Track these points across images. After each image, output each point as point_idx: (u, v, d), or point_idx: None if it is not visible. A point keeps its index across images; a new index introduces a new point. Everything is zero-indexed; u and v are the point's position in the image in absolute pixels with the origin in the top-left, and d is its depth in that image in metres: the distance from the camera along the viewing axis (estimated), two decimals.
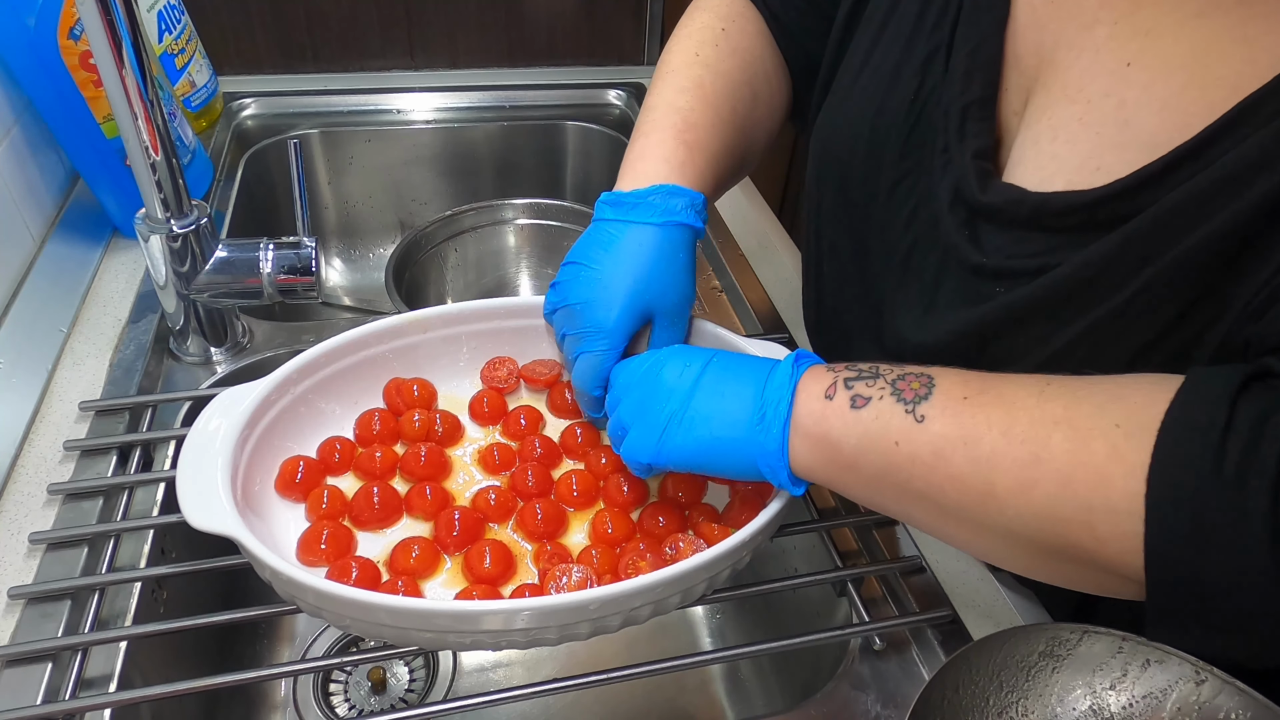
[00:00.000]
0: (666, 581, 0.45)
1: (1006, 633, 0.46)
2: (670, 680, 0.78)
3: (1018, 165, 0.50)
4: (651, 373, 0.50)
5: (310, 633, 0.79)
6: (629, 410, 0.50)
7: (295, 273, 0.71)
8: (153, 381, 0.73)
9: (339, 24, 1.19)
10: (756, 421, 0.46)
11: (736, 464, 0.47)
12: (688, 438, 0.47)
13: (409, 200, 1.22)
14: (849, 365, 0.47)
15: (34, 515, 0.60)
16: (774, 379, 0.47)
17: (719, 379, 0.48)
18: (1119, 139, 0.45)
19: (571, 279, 0.56)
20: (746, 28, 0.66)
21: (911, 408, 0.43)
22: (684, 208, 0.56)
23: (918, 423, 0.42)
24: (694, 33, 0.66)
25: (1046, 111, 0.49)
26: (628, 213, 0.56)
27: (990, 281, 0.50)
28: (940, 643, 0.56)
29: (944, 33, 0.54)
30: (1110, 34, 0.46)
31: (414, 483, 0.57)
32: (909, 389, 0.43)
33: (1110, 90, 0.46)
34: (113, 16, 0.57)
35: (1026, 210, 0.47)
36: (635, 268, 0.55)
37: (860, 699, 0.54)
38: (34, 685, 0.50)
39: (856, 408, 0.44)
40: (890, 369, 0.45)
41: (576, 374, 0.57)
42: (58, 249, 0.80)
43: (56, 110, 0.79)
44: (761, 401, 0.46)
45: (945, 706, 0.44)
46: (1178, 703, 0.43)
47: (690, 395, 0.48)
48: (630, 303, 0.54)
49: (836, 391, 0.45)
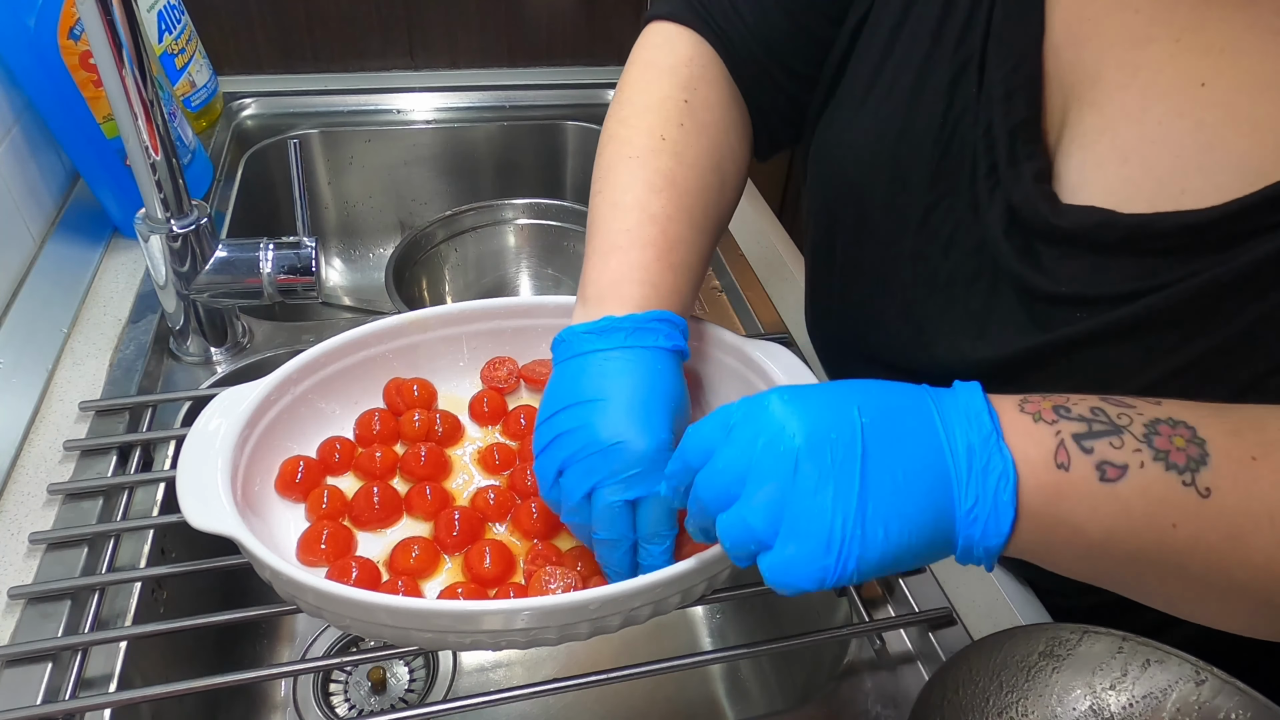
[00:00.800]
0: (666, 581, 0.45)
1: (1006, 633, 0.46)
2: (670, 680, 0.78)
3: (1080, 187, 0.47)
4: (782, 458, 0.36)
5: (310, 633, 0.79)
6: (762, 513, 0.36)
7: (295, 273, 0.71)
8: (153, 381, 0.73)
9: (339, 24, 1.19)
10: (966, 512, 0.35)
11: (926, 559, 0.37)
12: (874, 554, 0.35)
13: (409, 200, 1.22)
14: (1055, 407, 0.37)
15: (34, 515, 0.60)
16: (966, 440, 0.36)
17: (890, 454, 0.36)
18: (1203, 161, 0.42)
19: (584, 421, 0.47)
20: (710, 95, 0.59)
21: (1190, 478, 0.34)
22: (679, 334, 0.51)
23: (1202, 498, 0.34)
24: (655, 106, 0.58)
25: (1105, 132, 0.46)
26: (634, 339, 0.49)
27: (1069, 308, 0.46)
28: (940, 643, 0.56)
29: (972, 48, 0.50)
30: (1171, 52, 0.44)
31: (414, 483, 0.57)
32: (1175, 449, 0.35)
33: (1184, 111, 0.43)
34: (113, 16, 0.57)
35: (1118, 233, 0.44)
36: (664, 387, 0.48)
37: (860, 699, 0.54)
38: (34, 685, 0.50)
39: (1109, 480, 0.35)
40: (1121, 411, 0.36)
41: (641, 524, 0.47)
42: (58, 249, 0.80)
43: (56, 110, 0.79)
44: (968, 481, 0.35)
45: (945, 706, 0.44)
46: (1178, 703, 0.43)
47: (862, 494, 0.35)
48: (671, 425, 0.47)
49: (1072, 458, 0.35)
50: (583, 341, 0.49)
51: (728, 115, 0.60)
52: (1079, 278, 0.46)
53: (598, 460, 0.46)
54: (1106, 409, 0.36)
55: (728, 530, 0.38)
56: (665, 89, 0.58)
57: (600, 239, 0.54)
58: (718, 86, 0.60)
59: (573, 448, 0.47)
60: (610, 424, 0.46)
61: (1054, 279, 0.47)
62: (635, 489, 0.46)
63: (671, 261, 0.53)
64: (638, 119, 0.58)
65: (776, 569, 0.36)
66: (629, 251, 0.52)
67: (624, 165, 0.56)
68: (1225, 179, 0.41)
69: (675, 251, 0.53)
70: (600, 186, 0.56)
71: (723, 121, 0.60)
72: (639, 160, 0.55)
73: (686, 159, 0.56)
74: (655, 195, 0.54)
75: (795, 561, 0.36)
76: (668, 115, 0.57)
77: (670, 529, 0.47)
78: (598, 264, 0.53)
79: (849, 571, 0.35)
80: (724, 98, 0.60)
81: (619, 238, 0.53)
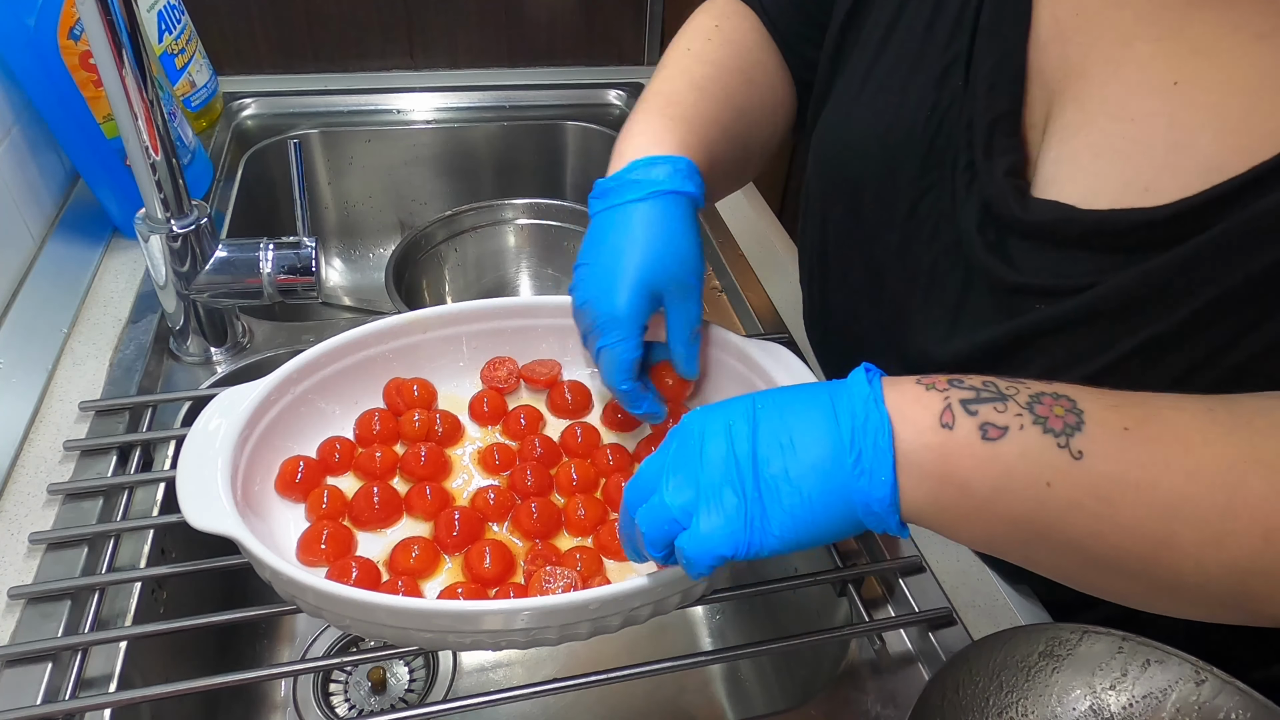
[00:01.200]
0: (666, 582, 0.45)
1: (1006, 633, 0.46)
2: (670, 680, 0.78)
3: (1052, 182, 0.48)
4: (689, 448, 0.41)
5: (310, 633, 0.79)
6: (675, 494, 0.40)
7: (295, 273, 0.71)
8: (153, 381, 0.73)
9: (339, 24, 1.19)
10: (851, 465, 0.38)
11: (836, 524, 0.39)
12: (778, 511, 0.38)
13: (409, 200, 1.22)
14: (950, 379, 0.39)
15: (34, 515, 0.60)
16: (849, 405, 0.39)
17: (778, 423, 0.40)
18: (1171, 160, 0.43)
19: (578, 281, 0.55)
20: (741, 24, 0.66)
21: (1064, 440, 0.36)
22: (667, 175, 0.54)
23: (1075, 460, 0.36)
24: (686, 33, 0.66)
25: (1083, 128, 0.47)
26: (612, 197, 0.55)
27: (1030, 299, 0.48)
28: (940, 643, 0.56)
29: (960, 45, 0.52)
30: (1153, 51, 0.45)
31: (414, 483, 0.57)
32: (1053, 416, 0.37)
33: (1157, 109, 0.44)
34: (113, 16, 0.57)
35: (1078, 229, 0.46)
36: (630, 249, 0.53)
37: (860, 699, 0.54)
38: (34, 685, 0.50)
39: (991, 439, 0.37)
40: (1010, 385, 0.39)
41: (603, 373, 0.55)
42: (58, 249, 0.80)
43: (56, 110, 0.79)
44: (850, 437, 0.38)
45: (945, 706, 0.44)
46: (1178, 703, 0.43)
47: (755, 457, 0.39)
48: (634, 287, 0.52)
49: (956, 418, 0.37)
50: (591, 204, 0.56)
51: (757, 42, 0.66)
52: (1043, 270, 0.47)
53: (579, 318, 0.55)
54: (997, 382, 0.39)
55: (646, 518, 0.41)
56: (699, 22, 0.67)
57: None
58: (749, 18, 0.67)
59: (574, 305, 0.56)
60: (585, 287, 0.54)
61: (1020, 271, 0.48)
62: (597, 340, 0.54)
63: (666, 113, 0.58)
64: (670, 49, 0.66)
65: (695, 541, 0.39)
66: (633, 122, 0.59)
67: (652, 85, 0.63)
68: (1190, 177, 0.42)
69: (672, 106, 0.59)
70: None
71: (750, 42, 0.66)
72: (663, 68, 0.63)
73: (705, 57, 0.63)
74: (667, 82, 0.61)
75: (711, 532, 0.39)
76: (696, 34, 0.65)
77: (622, 383, 0.54)
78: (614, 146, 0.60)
79: (756, 534, 0.39)
80: (754, 27, 0.67)
81: (631, 120, 0.60)
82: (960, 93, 0.52)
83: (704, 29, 0.66)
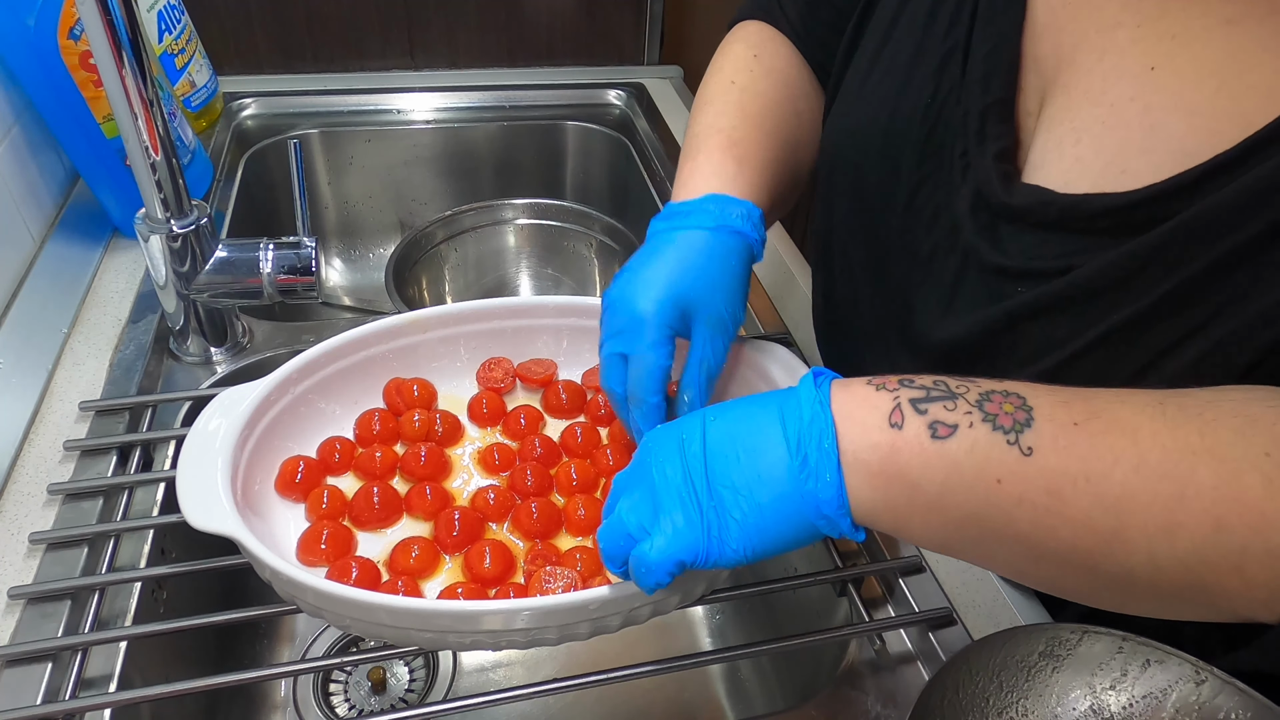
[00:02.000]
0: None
1: (1006, 633, 0.46)
2: (670, 680, 0.78)
3: (1039, 167, 0.49)
4: (643, 465, 0.42)
5: (310, 633, 0.79)
6: (634, 514, 0.41)
7: (295, 273, 0.71)
8: (153, 381, 0.73)
9: (339, 24, 1.19)
10: (798, 469, 0.38)
11: (791, 530, 0.39)
12: (729, 521, 0.39)
13: (409, 200, 1.22)
14: (900, 380, 0.40)
15: (34, 515, 0.60)
16: (796, 410, 0.40)
17: (727, 434, 0.40)
18: (1145, 143, 0.44)
19: (617, 281, 0.54)
20: (779, 50, 0.67)
21: (1014, 437, 0.36)
22: (738, 215, 0.54)
23: (1025, 456, 0.36)
24: (726, 63, 0.66)
25: (1068, 114, 0.48)
26: (681, 220, 0.54)
27: (1013, 282, 0.49)
28: (940, 643, 0.56)
29: (959, 34, 0.53)
30: (1133, 37, 0.46)
31: (414, 483, 0.57)
32: (1003, 413, 0.37)
33: (1135, 94, 0.45)
34: (113, 16, 0.57)
35: (1055, 212, 0.46)
36: (680, 261, 0.52)
37: (860, 699, 0.54)
38: (34, 685, 0.50)
39: (940, 437, 0.37)
40: (961, 384, 0.39)
41: (631, 382, 0.51)
42: (58, 249, 0.80)
43: (56, 110, 0.79)
44: (797, 442, 0.39)
45: (945, 706, 0.44)
46: (1178, 703, 0.43)
47: (707, 469, 0.40)
48: (668, 292, 0.51)
49: (905, 418, 0.38)
50: (651, 227, 0.56)
51: (798, 67, 0.67)
52: (1023, 253, 0.48)
53: (609, 317, 0.53)
54: (948, 381, 0.39)
55: (605, 535, 0.42)
56: (738, 50, 0.67)
57: (679, 160, 0.61)
58: (786, 45, 0.68)
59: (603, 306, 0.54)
60: (622, 287, 0.53)
61: (1005, 254, 0.49)
62: (621, 344, 0.52)
63: (735, 154, 0.58)
64: (712, 79, 0.66)
65: (655, 550, 0.39)
66: (695, 159, 0.59)
67: (699, 111, 0.63)
68: (1163, 160, 0.43)
69: (738, 146, 0.59)
70: (684, 143, 0.63)
71: (791, 70, 0.67)
72: (711, 104, 0.63)
73: (755, 90, 0.63)
74: (721, 118, 0.61)
75: (669, 542, 0.39)
76: (739, 66, 0.65)
77: (651, 394, 0.51)
78: (676, 175, 0.60)
79: (714, 542, 0.39)
80: (792, 54, 0.68)
81: (689, 150, 0.60)
82: (958, 81, 0.53)
83: (743, 60, 0.65)
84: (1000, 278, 0.49)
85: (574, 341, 0.66)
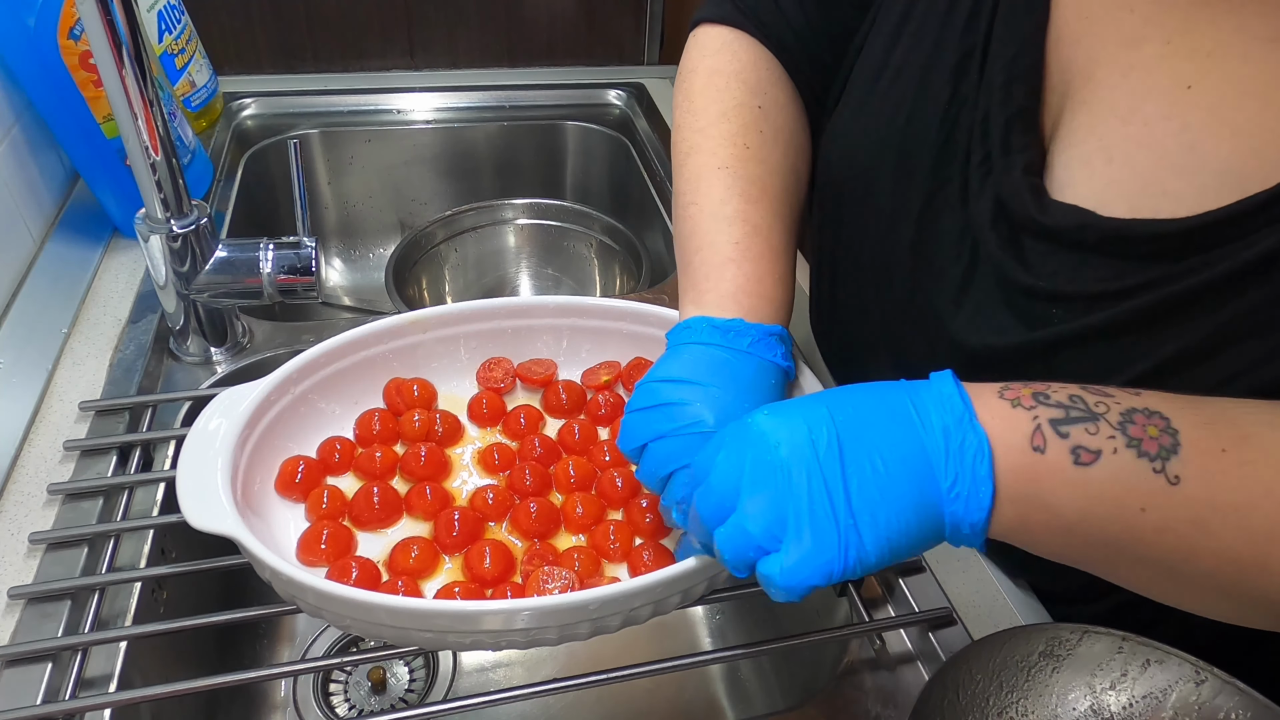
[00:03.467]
0: (666, 581, 0.45)
1: (1006, 633, 0.46)
2: (670, 680, 0.78)
3: (1066, 185, 0.47)
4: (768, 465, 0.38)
5: (310, 633, 0.79)
6: (761, 521, 0.38)
7: (295, 273, 0.71)
8: (153, 381, 0.73)
9: (339, 24, 1.19)
10: (947, 489, 0.37)
11: (924, 542, 0.38)
12: (867, 539, 0.37)
13: (409, 200, 1.22)
14: (1034, 392, 0.38)
15: (34, 515, 0.60)
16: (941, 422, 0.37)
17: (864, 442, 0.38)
18: (1185, 164, 0.43)
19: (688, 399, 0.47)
20: (779, 97, 0.61)
21: (1159, 465, 0.35)
22: (786, 355, 0.51)
23: (1171, 485, 0.35)
24: (732, 114, 0.58)
25: (1094, 130, 0.47)
26: (752, 346, 0.49)
27: (1045, 303, 0.47)
28: (940, 643, 0.56)
29: (978, 35, 0.51)
30: (1162, 54, 0.44)
31: (414, 483, 0.57)
32: (1148, 438, 0.36)
33: (1170, 113, 0.44)
34: (113, 16, 0.57)
35: (1098, 235, 0.45)
36: (767, 396, 0.49)
37: (860, 699, 0.54)
38: (34, 685, 0.50)
39: (1083, 464, 0.36)
40: (1098, 398, 0.37)
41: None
42: (58, 249, 0.80)
43: (56, 110, 0.79)
44: (945, 460, 0.37)
45: (945, 706, 0.44)
46: (1178, 703, 0.43)
47: (845, 481, 0.37)
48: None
49: (1047, 441, 0.36)
50: (707, 334, 0.50)
51: (796, 115, 0.62)
52: (1058, 274, 0.47)
53: (695, 441, 0.46)
54: (1085, 396, 0.38)
55: (727, 541, 0.38)
56: (738, 95, 0.59)
57: (709, 251, 0.54)
58: (784, 87, 0.61)
59: (674, 422, 0.47)
60: (711, 409, 0.46)
61: (1034, 273, 0.48)
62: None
63: (779, 274, 0.54)
64: (715, 128, 0.58)
65: (785, 572, 0.37)
66: (743, 264, 0.53)
67: (714, 176, 0.56)
68: (1205, 182, 0.42)
69: (781, 262, 0.54)
70: (694, 197, 0.56)
71: (794, 122, 0.61)
72: (729, 170, 0.56)
73: (771, 164, 0.57)
74: (753, 206, 0.55)
75: (801, 562, 0.37)
76: (746, 123, 0.58)
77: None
78: (713, 275, 0.53)
79: (851, 562, 0.37)
80: (790, 97, 0.62)
81: (729, 249, 0.53)
82: (976, 85, 0.51)
83: (750, 114, 0.58)
84: (1029, 297, 0.48)
85: (574, 341, 0.66)
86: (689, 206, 0.56)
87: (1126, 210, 0.45)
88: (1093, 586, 0.42)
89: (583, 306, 0.65)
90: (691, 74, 0.62)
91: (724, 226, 0.54)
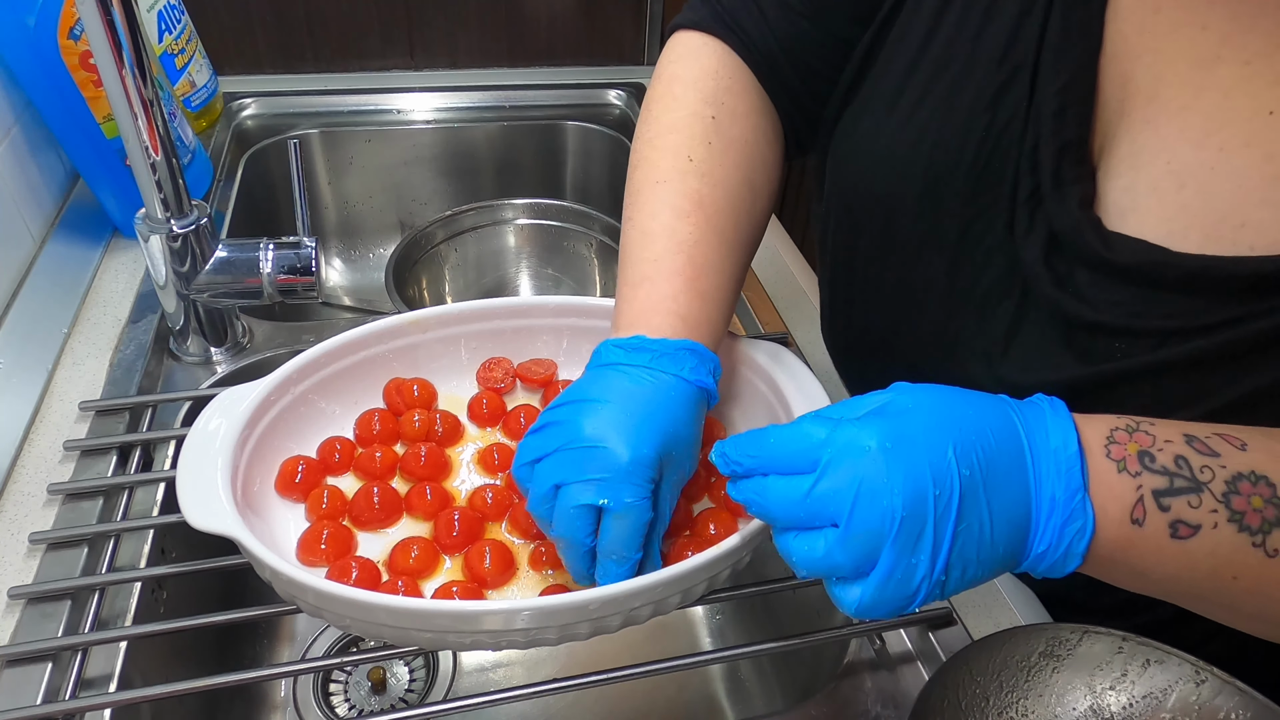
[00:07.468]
0: (666, 581, 0.45)
1: (1006, 633, 0.46)
2: (670, 680, 0.78)
3: (1129, 211, 0.45)
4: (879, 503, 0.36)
5: (310, 633, 0.79)
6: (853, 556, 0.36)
7: (295, 273, 0.71)
8: (153, 381, 0.73)
9: (339, 24, 1.19)
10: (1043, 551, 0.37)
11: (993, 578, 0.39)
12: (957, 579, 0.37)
13: (409, 200, 1.22)
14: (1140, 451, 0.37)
15: (34, 515, 0.60)
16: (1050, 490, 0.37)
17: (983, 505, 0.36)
18: (1268, 195, 0.41)
19: (572, 417, 0.46)
20: (737, 107, 0.57)
21: (1260, 539, 0.35)
22: (708, 372, 0.49)
23: (1269, 558, 0.35)
24: (681, 124, 0.56)
25: (1161, 154, 0.44)
26: (653, 360, 0.48)
27: (1108, 338, 0.45)
28: (940, 643, 0.56)
29: (1021, 60, 0.48)
30: (1241, 75, 0.42)
31: (414, 483, 0.57)
32: (1251, 510, 0.35)
33: (1251, 140, 0.41)
34: (113, 16, 0.57)
35: (1177, 273, 0.43)
36: (666, 411, 0.46)
37: (860, 699, 0.54)
38: (34, 685, 0.50)
39: (1180, 538, 0.36)
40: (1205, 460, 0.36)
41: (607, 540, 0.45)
42: (58, 249, 0.80)
43: (56, 110, 0.79)
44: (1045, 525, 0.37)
45: (945, 706, 0.44)
46: (1178, 703, 0.43)
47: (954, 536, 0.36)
48: (659, 443, 0.45)
49: (1147, 514, 0.36)
50: (610, 354, 0.49)
51: (757, 126, 0.59)
52: (1122, 307, 0.45)
53: (574, 456, 0.45)
54: (1190, 460, 0.37)
55: (807, 555, 0.38)
56: (691, 105, 0.57)
57: (630, 269, 0.53)
58: (745, 97, 0.58)
59: (557, 441, 0.46)
60: (596, 425, 0.45)
61: (1094, 307, 0.46)
62: (599, 494, 0.44)
63: (700, 289, 0.52)
64: (663, 139, 0.56)
65: (860, 604, 0.37)
66: (656, 282, 0.52)
67: (651, 190, 0.55)
68: None
69: (704, 278, 0.52)
70: (630, 213, 0.55)
71: (752, 134, 0.58)
72: (666, 184, 0.54)
73: (715, 177, 0.55)
74: (683, 220, 0.53)
75: (879, 600, 0.37)
76: (694, 134, 0.56)
77: (635, 551, 0.45)
78: (628, 295, 0.52)
79: (923, 601, 0.37)
80: (752, 107, 0.59)
81: (647, 267, 0.52)
82: (1024, 111, 0.48)
83: (701, 124, 0.56)
84: (1086, 332, 0.46)
85: (574, 341, 0.66)
86: (625, 224, 0.56)
87: (1200, 239, 0.43)
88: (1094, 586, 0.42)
89: (583, 306, 0.65)
90: (655, 81, 0.60)
91: (647, 243, 0.53)
